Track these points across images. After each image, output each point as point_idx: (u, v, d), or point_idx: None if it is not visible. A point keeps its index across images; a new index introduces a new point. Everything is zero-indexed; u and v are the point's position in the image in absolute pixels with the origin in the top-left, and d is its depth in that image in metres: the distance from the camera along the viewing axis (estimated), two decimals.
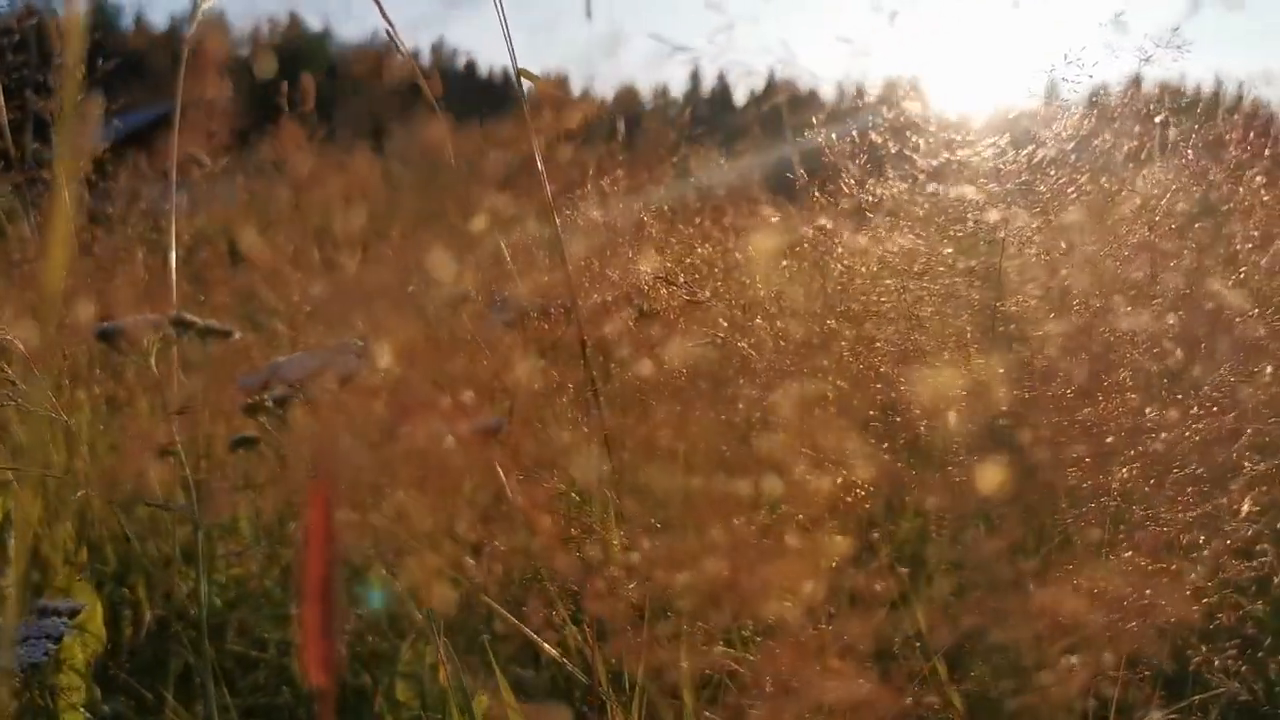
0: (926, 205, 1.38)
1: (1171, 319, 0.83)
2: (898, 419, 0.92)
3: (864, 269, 1.20)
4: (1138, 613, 0.73)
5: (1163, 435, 0.77)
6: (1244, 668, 0.79)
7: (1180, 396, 0.81)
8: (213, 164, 1.95)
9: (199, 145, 2.26)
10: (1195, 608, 0.72)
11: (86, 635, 1.33)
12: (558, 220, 1.04)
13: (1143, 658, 0.82)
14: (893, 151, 1.47)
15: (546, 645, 0.84)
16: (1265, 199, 1.41)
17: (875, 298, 1.18)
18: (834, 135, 1.66)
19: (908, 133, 1.48)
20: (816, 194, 1.43)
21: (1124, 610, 0.70)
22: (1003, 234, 1.02)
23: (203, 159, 1.92)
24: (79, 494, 1.53)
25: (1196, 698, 0.86)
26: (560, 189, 1.41)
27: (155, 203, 2.14)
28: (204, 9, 1.74)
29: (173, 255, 1.39)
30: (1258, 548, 0.80)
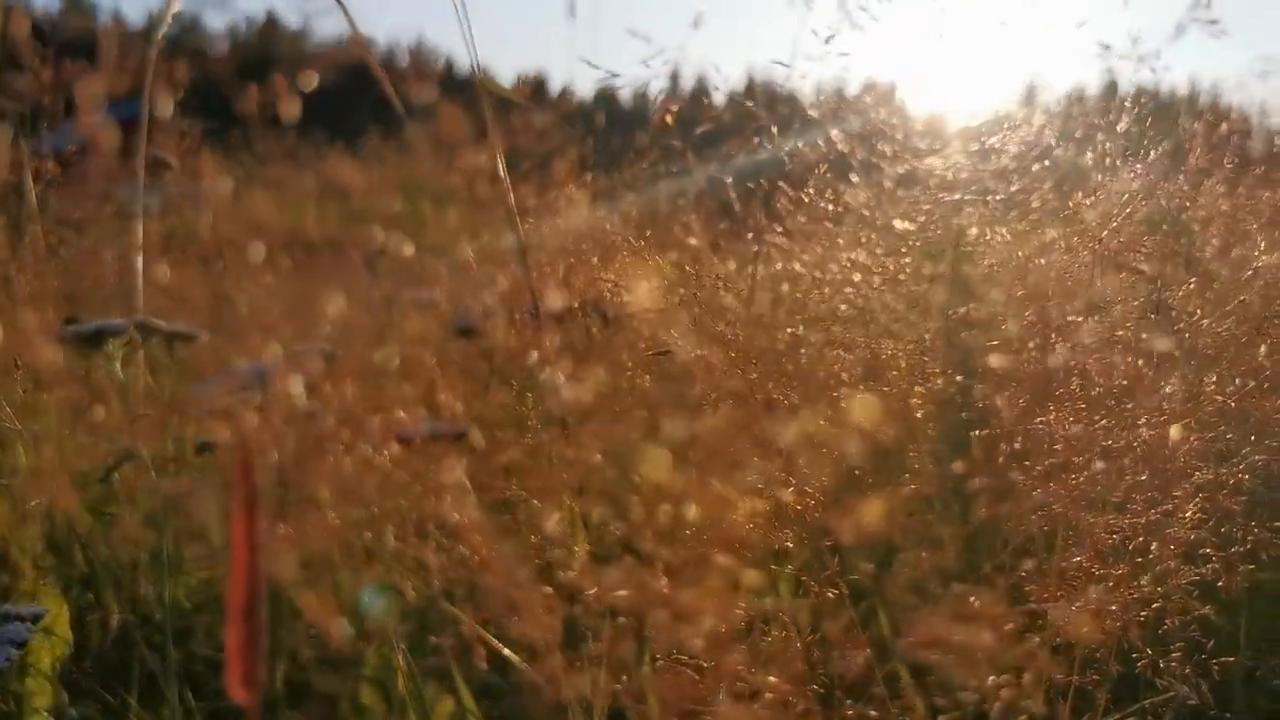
0: (890, 213, 1.40)
1: (1121, 330, 0.85)
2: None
3: (823, 278, 1.21)
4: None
5: (1108, 444, 0.78)
6: (1189, 671, 0.80)
7: (1130, 406, 0.82)
8: (182, 166, 1.95)
9: (169, 148, 2.25)
10: (1123, 619, 0.73)
11: (53, 639, 1.32)
12: (520, 228, 1.05)
13: (1096, 662, 0.83)
14: (859, 160, 1.49)
15: (508, 651, 0.84)
16: (1224, 208, 1.43)
17: (836, 306, 1.19)
18: (803, 142, 1.67)
19: (876, 140, 1.49)
20: (782, 202, 1.44)
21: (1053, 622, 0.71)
22: (955, 245, 1.03)
23: (169, 161, 1.92)
24: (45, 497, 1.53)
25: (1147, 701, 0.87)
26: (530, 192, 1.42)
27: (125, 204, 2.13)
28: (172, 12, 1.73)
29: (139, 259, 1.39)
30: (1200, 552, 0.82)
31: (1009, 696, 0.56)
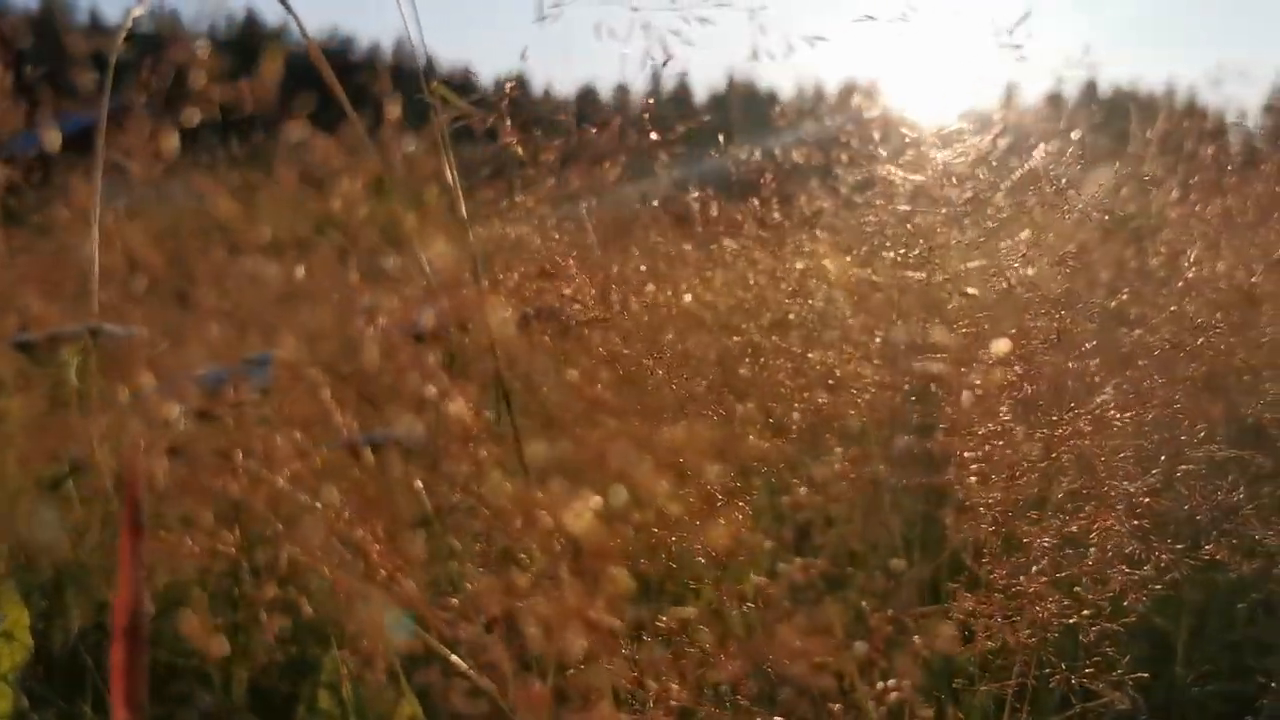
0: (852, 218, 1.41)
1: (1055, 337, 0.86)
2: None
3: (779, 283, 1.22)
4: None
5: (1033, 456, 0.79)
6: (1121, 677, 0.81)
7: (1057, 416, 0.83)
8: (147, 171, 1.93)
9: (135, 151, 2.24)
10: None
11: (14, 644, 1.32)
12: (471, 235, 1.05)
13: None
14: (828, 163, 1.50)
15: (455, 657, 0.85)
16: (1173, 215, 1.45)
17: (789, 311, 1.20)
18: (778, 143, 1.68)
19: (848, 142, 1.50)
20: (749, 205, 1.45)
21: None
22: (909, 251, 1.04)
23: (129, 166, 1.90)
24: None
25: (1080, 706, 0.88)
26: (489, 198, 1.43)
27: (90, 209, 2.12)
28: (137, 14, 1.73)
29: (95, 263, 1.38)
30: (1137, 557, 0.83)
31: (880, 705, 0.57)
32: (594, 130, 1.01)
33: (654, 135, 0.94)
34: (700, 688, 0.56)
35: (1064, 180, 1.48)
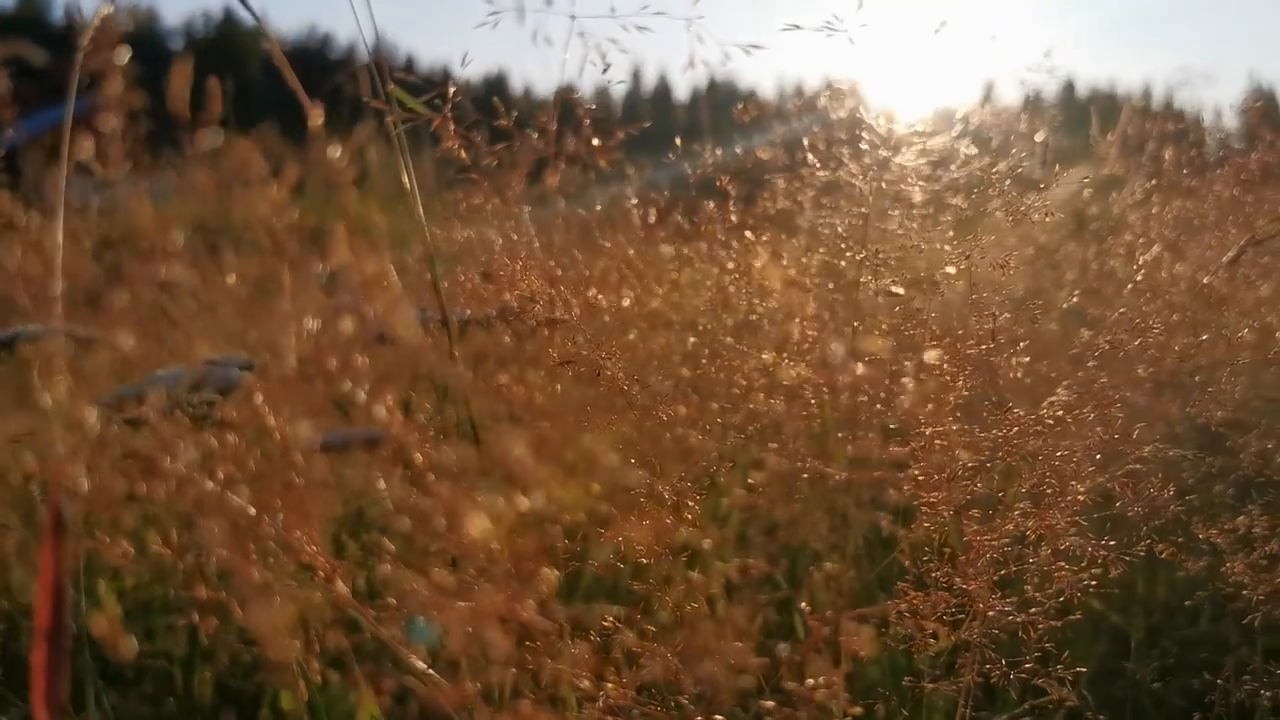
0: (824, 218, 1.41)
1: (1002, 339, 0.87)
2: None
3: (744, 284, 1.23)
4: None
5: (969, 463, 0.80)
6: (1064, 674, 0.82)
7: (1002, 417, 0.84)
8: (110, 170, 1.92)
9: (102, 150, 2.23)
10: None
11: None
12: (429, 236, 1.06)
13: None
14: (805, 161, 1.50)
15: (414, 658, 0.85)
16: (1132, 219, 1.46)
17: (753, 312, 1.20)
18: (755, 142, 1.68)
19: (827, 142, 1.51)
20: (719, 206, 1.46)
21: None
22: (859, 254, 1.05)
23: (93, 166, 1.89)
24: None
25: (1028, 704, 0.89)
26: (458, 199, 1.43)
27: (60, 205, 2.10)
28: (102, 15, 1.72)
29: (58, 261, 1.37)
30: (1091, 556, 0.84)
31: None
32: (535, 135, 1.01)
33: (595, 141, 0.94)
34: (637, 687, 0.56)
35: (1026, 182, 1.49)
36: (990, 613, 0.81)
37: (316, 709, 1.07)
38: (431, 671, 0.60)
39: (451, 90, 0.86)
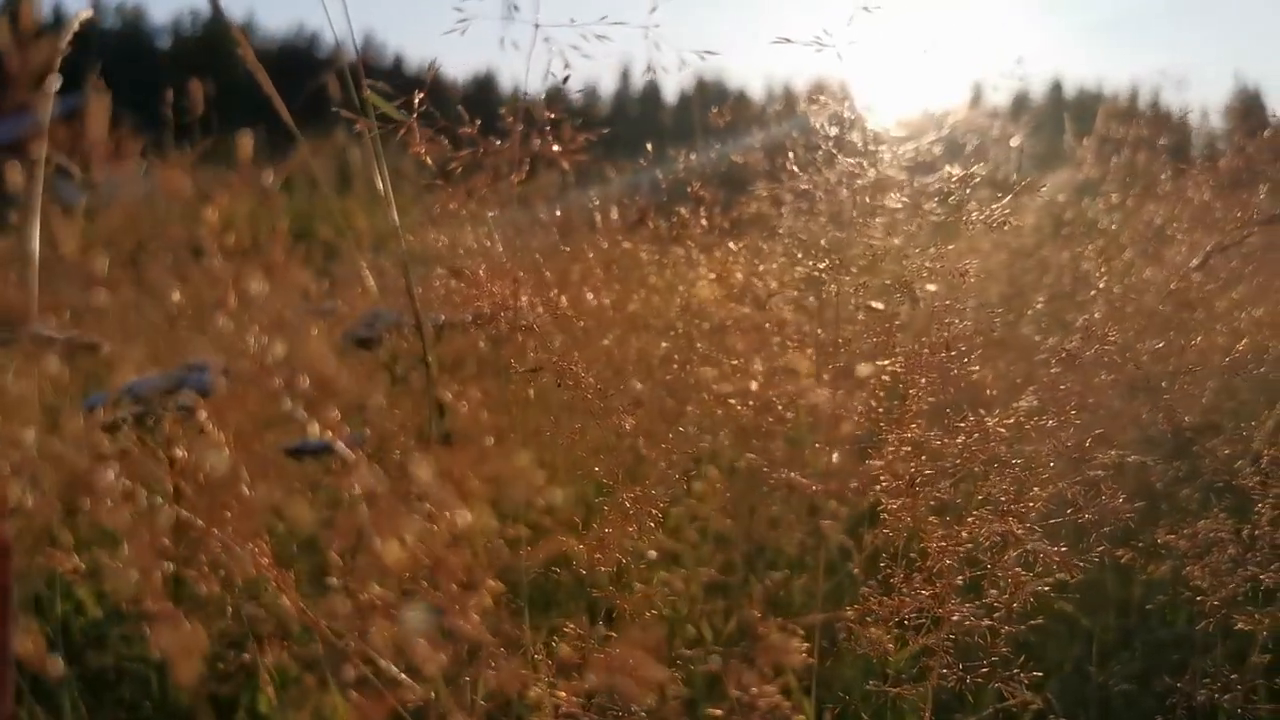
0: (805, 223, 1.42)
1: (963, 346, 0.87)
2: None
3: (722, 288, 1.24)
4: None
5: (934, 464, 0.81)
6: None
7: (965, 424, 0.85)
8: (89, 174, 1.92)
9: (86, 152, 2.22)
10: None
11: None
12: (403, 241, 1.06)
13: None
14: (791, 163, 1.51)
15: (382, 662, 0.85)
16: (1105, 223, 1.48)
17: (730, 315, 1.21)
18: (740, 144, 1.69)
19: (813, 145, 1.51)
20: (700, 210, 1.46)
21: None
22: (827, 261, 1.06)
23: (72, 169, 1.89)
24: None
25: (993, 708, 0.90)
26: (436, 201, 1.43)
27: (48, 205, 2.10)
28: (83, 17, 1.72)
29: (35, 264, 1.37)
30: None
31: None
32: (497, 141, 1.01)
33: (556, 146, 0.95)
34: (588, 695, 0.57)
35: (1001, 187, 1.50)
36: (954, 618, 0.82)
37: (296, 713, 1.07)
38: (404, 676, 0.60)
39: (418, 98, 0.87)
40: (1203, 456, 1.08)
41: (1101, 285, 1.18)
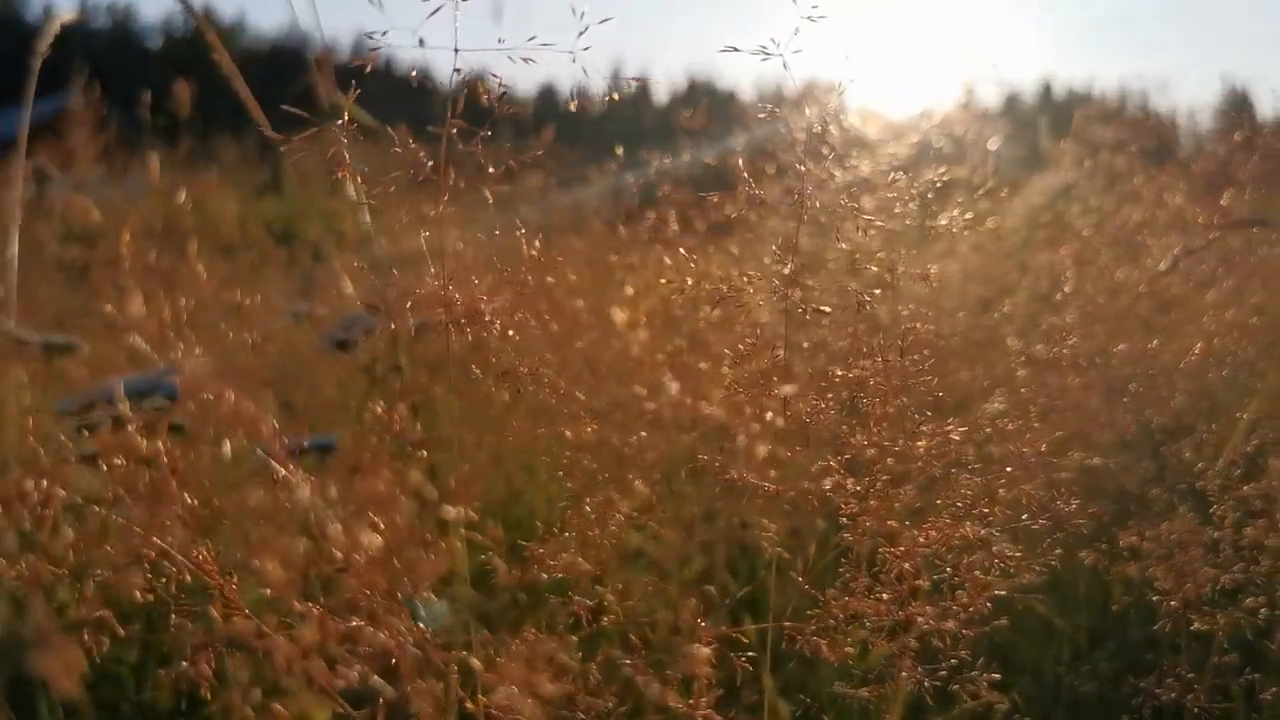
0: (787, 225, 1.42)
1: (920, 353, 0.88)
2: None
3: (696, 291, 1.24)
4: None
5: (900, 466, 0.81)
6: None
7: (929, 428, 0.85)
8: (78, 171, 1.92)
9: (68, 151, 2.23)
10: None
11: None
12: (377, 246, 1.07)
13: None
14: (776, 166, 1.51)
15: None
16: (1080, 226, 1.49)
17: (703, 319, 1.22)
18: (728, 145, 1.70)
19: (801, 146, 1.51)
20: (681, 212, 1.47)
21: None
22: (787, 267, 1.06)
23: (49, 169, 1.89)
24: None
25: (959, 709, 0.91)
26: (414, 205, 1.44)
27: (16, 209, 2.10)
28: (62, 20, 1.72)
29: (14, 265, 1.38)
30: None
31: None
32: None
33: (491, 169, 0.95)
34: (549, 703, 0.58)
35: (976, 190, 1.51)
36: (918, 621, 0.82)
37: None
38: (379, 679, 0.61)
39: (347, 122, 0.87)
40: (1170, 458, 1.09)
41: (1069, 290, 1.19)
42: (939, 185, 1.37)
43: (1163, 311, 1.31)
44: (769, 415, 0.67)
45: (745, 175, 1.52)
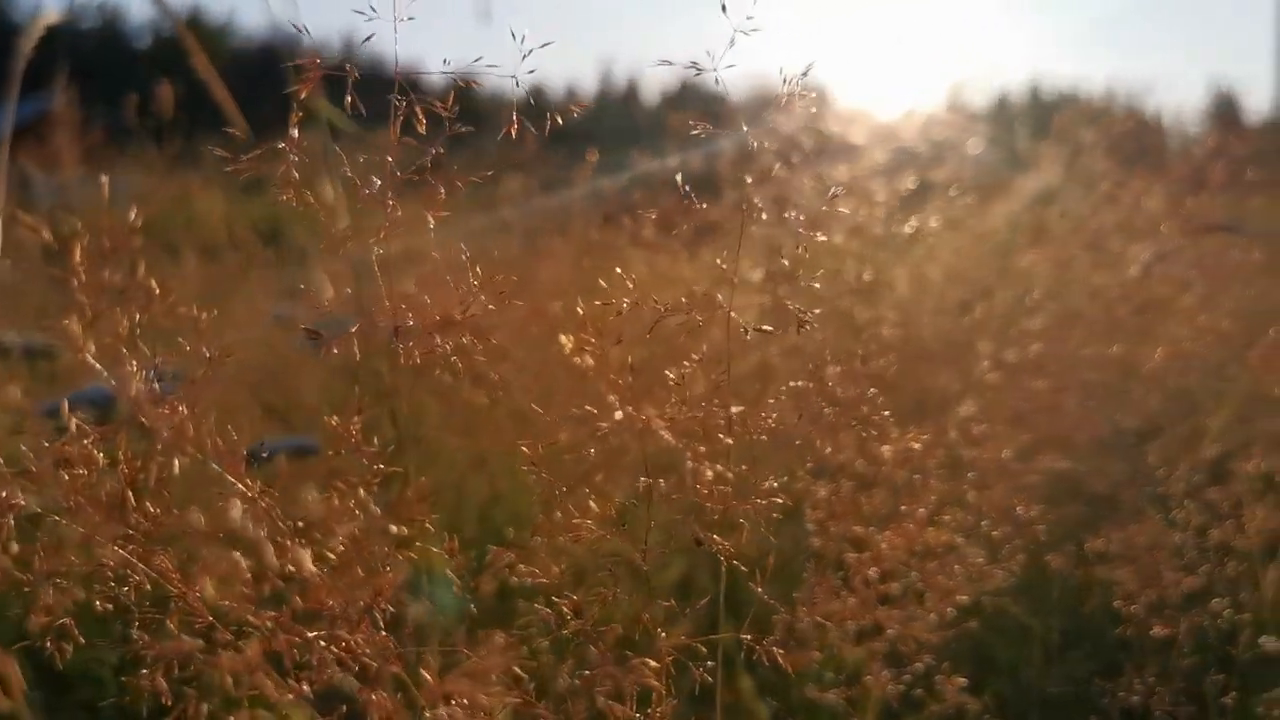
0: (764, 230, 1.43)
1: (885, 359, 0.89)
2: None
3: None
4: None
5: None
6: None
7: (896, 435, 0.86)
8: (52, 176, 1.93)
9: (53, 152, 2.23)
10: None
11: None
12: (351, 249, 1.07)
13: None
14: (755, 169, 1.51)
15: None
16: (1057, 230, 1.50)
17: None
18: (714, 147, 1.70)
19: (783, 146, 1.52)
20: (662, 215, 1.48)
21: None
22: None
23: (31, 172, 1.90)
24: None
25: (926, 711, 0.92)
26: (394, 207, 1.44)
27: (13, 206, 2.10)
28: (45, 22, 1.72)
29: None
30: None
31: None
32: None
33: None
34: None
35: (957, 195, 1.52)
36: (889, 625, 0.83)
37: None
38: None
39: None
40: (1140, 462, 1.10)
41: (1037, 295, 1.20)
42: (915, 189, 1.39)
43: (1137, 315, 1.32)
44: (719, 434, 0.68)
45: (733, 179, 1.53)
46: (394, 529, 0.59)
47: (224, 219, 2.67)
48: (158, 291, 0.61)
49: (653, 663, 0.60)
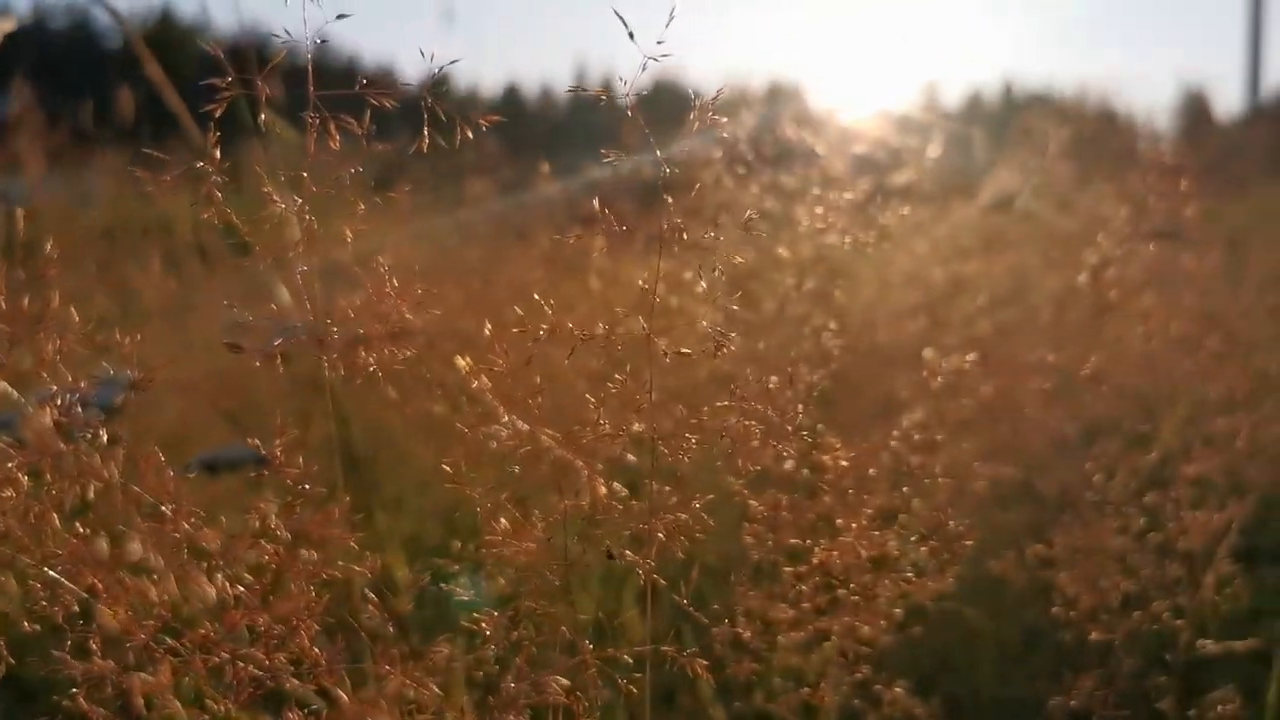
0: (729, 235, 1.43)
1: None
2: None
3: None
4: None
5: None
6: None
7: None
8: (13, 178, 1.91)
9: (15, 153, 2.21)
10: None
11: None
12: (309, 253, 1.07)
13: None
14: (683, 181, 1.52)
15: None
16: (1014, 236, 1.51)
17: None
18: (683, 148, 1.70)
19: (756, 148, 1.53)
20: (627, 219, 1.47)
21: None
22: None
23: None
24: None
25: (877, 715, 0.92)
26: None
27: None
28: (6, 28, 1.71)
29: None
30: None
31: None
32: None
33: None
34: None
35: (915, 199, 1.52)
36: (836, 631, 0.84)
37: None
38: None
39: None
40: (1087, 467, 1.11)
41: (981, 301, 1.21)
42: (876, 193, 1.39)
43: (1090, 319, 1.34)
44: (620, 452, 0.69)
45: (692, 182, 1.53)
46: (305, 553, 0.59)
47: (190, 224, 2.65)
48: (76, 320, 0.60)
49: (564, 680, 0.61)
